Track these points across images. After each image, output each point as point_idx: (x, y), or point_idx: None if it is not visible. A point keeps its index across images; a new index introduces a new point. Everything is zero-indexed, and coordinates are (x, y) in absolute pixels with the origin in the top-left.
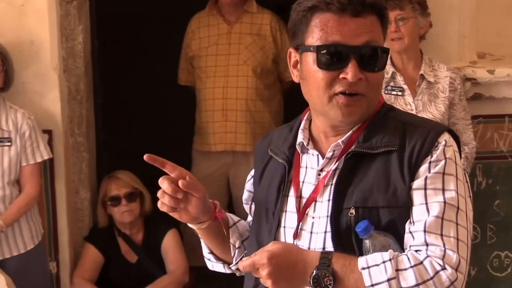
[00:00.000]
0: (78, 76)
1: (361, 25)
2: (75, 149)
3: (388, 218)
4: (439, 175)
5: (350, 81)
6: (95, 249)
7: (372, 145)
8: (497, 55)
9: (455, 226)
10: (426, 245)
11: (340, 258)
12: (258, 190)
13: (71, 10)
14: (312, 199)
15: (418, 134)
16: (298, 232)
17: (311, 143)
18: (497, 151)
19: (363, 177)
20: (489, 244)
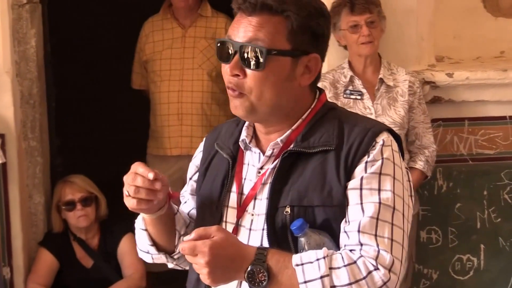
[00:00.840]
0: (31, 80)
1: (250, 23)
2: (28, 153)
3: (323, 217)
4: (376, 175)
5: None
6: (49, 254)
7: (309, 145)
8: (455, 58)
9: (390, 226)
10: (360, 245)
11: (275, 255)
12: (204, 183)
13: (24, 14)
14: (251, 197)
15: (355, 133)
16: (238, 228)
17: (254, 141)
18: (457, 154)
19: (300, 176)
20: (450, 248)
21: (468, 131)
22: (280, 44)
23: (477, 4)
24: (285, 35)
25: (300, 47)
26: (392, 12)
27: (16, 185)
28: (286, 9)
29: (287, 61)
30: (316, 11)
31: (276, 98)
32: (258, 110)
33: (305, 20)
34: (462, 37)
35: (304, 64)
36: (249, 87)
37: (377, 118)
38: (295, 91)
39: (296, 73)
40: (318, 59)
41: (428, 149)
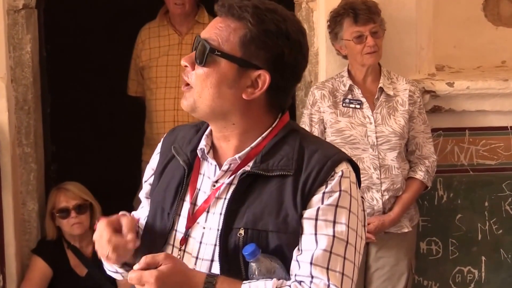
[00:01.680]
0: (26, 86)
1: (217, 23)
2: (22, 159)
3: (276, 242)
4: (332, 207)
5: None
6: (43, 262)
7: (268, 167)
8: (455, 67)
9: (342, 260)
10: (311, 277)
11: (224, 283)
12: (158, 187)
13: (19, 20)
14: (203, 209)
15: (315, 161)
16: (186, 239)
17: (211, 152)
18: (458, 165)
19: (256, 199)
20: (451, 259)
21: (469, 141)
22: (230, 49)
23: (478, 13)
24: (239, 42)
25: (250, 59)
26: (392, 21)
27: (10, 191)
28: (246, 17)
29: (232, 67)
30: (278, 30)
31: (215, 99)
32: (199, 107)
33: (260, 35)
34: (463, 46)
35: (251, 77)
36: (193, 80)
37: (377, 127)
38: (238, 101)
39: (240, 83)
40: (267, 78)
41: (429, 159)
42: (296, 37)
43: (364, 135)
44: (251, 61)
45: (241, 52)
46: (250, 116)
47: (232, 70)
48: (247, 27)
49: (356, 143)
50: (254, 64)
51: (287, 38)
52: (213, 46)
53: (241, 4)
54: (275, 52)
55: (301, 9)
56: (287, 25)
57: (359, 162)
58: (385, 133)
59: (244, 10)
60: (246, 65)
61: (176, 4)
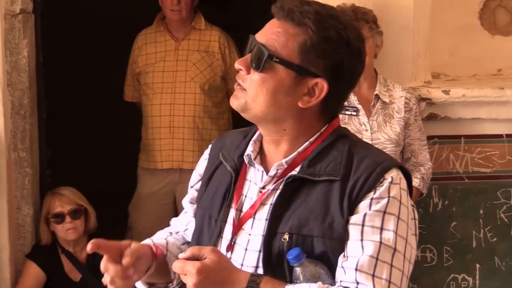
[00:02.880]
0: (22, 91)
1: (273, 27)
2: (18, 164)
3: (321, 248)
4: (380, 213)
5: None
6: (37, 267)
7: (315, 172)
8: (451, 75)
9: (389, 267)
10: (356, 283)
11: (268, 283)
12: (205, 194)
13: (16, 24)
14: (249, 215)
15: (364, 166)
16: (232, 246)
17: (258, 157)
18: (453, 172)
19: (302, 203)
20: (446, 267)
21: (464, 148)
22: (288, 55)
23: (474, 21)
24: (298, 49)
25: (309, 67)
26: (389, 28)
27: (5, 196)
28: (307, 24)
29: (290, 74)
30: (339, 38)
31: (269, 106)
32: (251, 110)
33: (321, 42)
34: (459, 54)
35: (309, 85)
36: (248, 85)
37: (373, 134)
38: (293, 109)
39: (297, 91)
40: (324, 86)
41: (424, 166)
42: (357, 44)
43: None
44: (309, 69)
45: (299, 59)
46: (302, 123)
47: (289, 77)
48: (307, 33)
49: None
50: (312, 72)
51: (348, 46)
52: (271, 52)
53: (302, 10)
54: (335, 60)
55: None
56: (348, 32)
57: None
58: (381, 140)
59: (306, 16)
60: (304, 73)
61: (173, 10)
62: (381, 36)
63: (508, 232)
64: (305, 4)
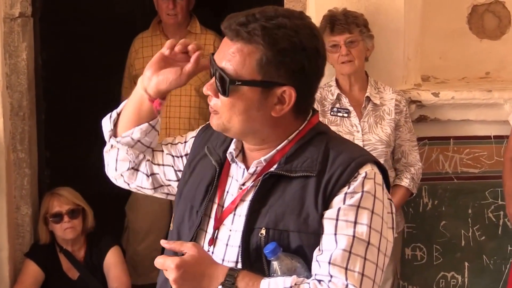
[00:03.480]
0: (21, 93)
1: (228, 48)
2: (17, 165)
3: (297, 242)
4: (353, 207)
5: None
6: (35, 266)
7: (292, 168)
8: (441, 78)
9: (363, 261)
10: (330, 277)
11: (245, 277)
12: (188, 183)
13: (15, 27)
14: (229, 211)
15: (339, 162)
16: (215, 241)
17: (240, 155)
18: (443, 173)
19: (279, 199)
20: (435, 265)
21: (454, 149)
22: (248, 74)
23: (463, 26)
24: (256, 66)
25: (272, 79)
26: (380, 32)
27: (4, 196)
28: (257, 41)
29: (256, 91)
30: (292, 46)
31: (245, 124)
32: (230, 130)
33: (277, 55)
34: (448, 57)
35: (277, 94)
36: (220, 109)
37: (364, 135)
38: (269, 120)
39: (267, 103)
40: (292, 92)
41: (414, 167)
42: (312, 44)
43: None
44: (273, 81)
45: (260, 75)
46: (280, 128)
47: (256, 94)
48: (260, 50)
49: None
50: (276, 82)
51: (304, 50)
52: (232, 77)
53: (248, 29)
54: (296, 67)
55: None
56: (300, 36)
57: None
58: (372, 141)
59: (253, 33)
60: (269, 86)
61: (169, 15)
62: (372, 39)
63: (496, 231)
64: (251, 20)
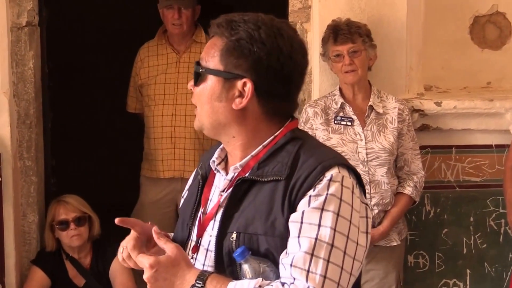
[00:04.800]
0: (28, 101)
1: (207, 44)
2: (23, 172)
3: (265, 246)
4: (317, 210)
5: None
6: (42, 272)
7: (263, 173)
8: (443, 88)
9: (325, 263)
10: (292, 279)
11: (214, 280)
12: (183, 202)
13: (22, 36)
14: (210, 218)
15: (306, 166)
16: (198, 247)
17: (223, 163)
18: (445, 181)
19: (250, 204)
20: (437, 272)
21: (456, 158)
22: (214, 65)
23: (465, 36)
24: (219, 56)
25: (232, 70)
26: (383, 42)
27: (11, 203)
28: (222, 32)
29: (218, 81)
30: (250, 38)
31: (211, 116)
32: (203, 125)
33: (235, 45)
34: (450, 67)
35: (238, 87)
36: (195, 102)
37: (367, 144)
38: (232, 113)
39: (228, 95)
40: (250, 84)
41: (417, 175)
42: (273, 40)
43: (355, 151)
44: (233, 72)
45: (223, 65)
46: (247, 127)
47: (218, 84)
48: (223, 40)
49: (347, 159)
50: (236, 73)
51: (262, 43)
52: (201, 66)
53: (219, 22)
54: (252, 58)
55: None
56: (261, 31)
57: None
58: (375, 150)
59: (221, 25)
60: (229, 76)
61: (174, 24)
62: (375, 49)
63: (498, 239)
64: (225, 16)
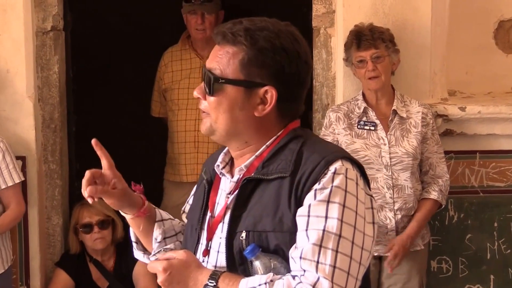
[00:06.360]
0: (53, 105)
1: (216, 52)
2: (48, 176)
3: (275, 242)
4: (323, 203)
5: None
6: (66, 275)
7: (268, 171)
8: (467, 93)
9: (334, 253)
10: (302, 271)
11: (226, 278)
12: (190, 207)
13: (47, 41)
14: (219, 220)
15: (310, 161)
16: (208, 251)
17: (228, 167)
18: (469, 186)
19: (257, 202)
20: (461, 277)
21: (480, 163)
22: (232, 74)
23: (489, 41)
24: (239, 66)
25: (254, 79)
26: (407, 47)
27: (35, 206)
28: (240, 41)
29: (239, 91)
30: (273, 46)
31: (230, 124)
32: (216, 131)
33: (258, 54)
34: (474, 72)
35: (260, 95)
36: (208, 110)
37: (390, 148)
38: (252, 120)
39: (250, 103)
40: (274, 92)
41: (442, 179)
42: (292, 47)
43: (378, 155)
44: (255, 80)
45: (243, 74)
46: (263, 131)
47: (239, 93)
48: (243, 50)
49: (371, 163)
50: (258, 82)
51: (284, 51)
52: (217, 75)
53: (233, 30)
54: (275, 67)
55: (319, 35)
56: (281, 39)
57: (373, 181)
58: (398, 154)
59: (237, 34)
60: (251, 85)
61: (198, 30)
62: (398, 54)
63: None
64: (236, 24)
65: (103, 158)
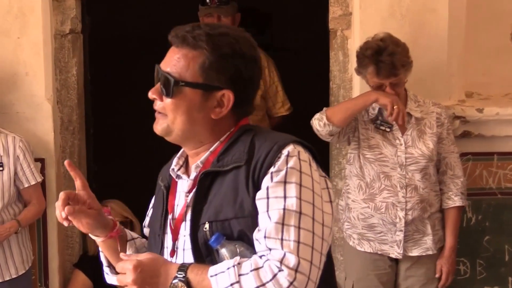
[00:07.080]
0: (71, 107)
1: (174, 54)
2: (66, 178)
3: (238, 228)
4: (281, 183)
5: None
6: (84, 276)
7: (223, 164)
8: (484, 94)
9: (297, 230)
10: (268, 250)
11: (195, 268)
12: (151, 217)
13: (66, 44)
14: (180, 219)
15: (263, 148)
16: (175, 251)
17: (183, 169)
18: (487, 188)
19: (216, 194)
20: (479, 279)
21: (497, 165)
22: (191, 77)
23: (506, 42)
24: (198, 69)
25: (212, 82)
26: (424, 48)
27: (54, 208)
28: (201, 46)
29: (197, 93)
30: (233, 52)
31: (187, 125)
32: (172, 132)
33: (218, 60)
34: (491, 74)
35: (217, 98)
36: (165, 111)
37: (407, 149)
38: (208, 122)
39: (208, 106)
40: (231, 96)
41: (460, 179)
42: (250, 53)
43: (394, 154)
44: (214, 84)
45: (202, 78)
46: (217, 131)
47: (197, 96)
48: (204, 54)
49: (386, 161)
50: (216, 86)
51: (242, 57)
52: (176, 78)
53: (194, 34)
54: (234, 72)
55: (336, 37)
56: (240, 45)
57: (386, 179)
58: (414, 155)
59: (199, 39)
60: (209, 89)
61: None
62: (411, 67)
63: None
64: (196, 28)
65: (77, 179)
